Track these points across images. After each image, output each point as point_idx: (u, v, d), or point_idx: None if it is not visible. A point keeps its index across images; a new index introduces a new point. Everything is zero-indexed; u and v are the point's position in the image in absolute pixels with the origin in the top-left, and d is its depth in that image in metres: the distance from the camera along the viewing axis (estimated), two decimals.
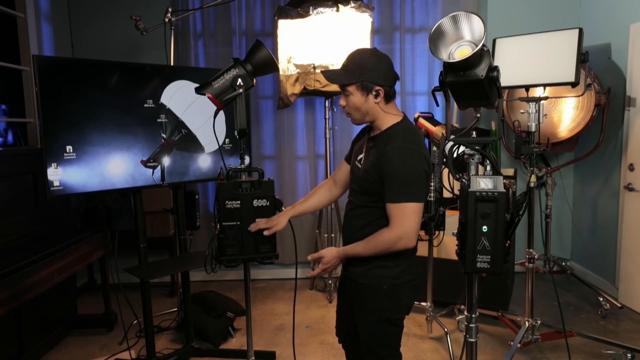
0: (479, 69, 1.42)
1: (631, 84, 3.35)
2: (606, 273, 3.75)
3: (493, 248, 1.40)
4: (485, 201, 1.40)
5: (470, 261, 1.41)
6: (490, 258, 1.41)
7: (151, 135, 2.57)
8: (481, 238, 1.39)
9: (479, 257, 1.41)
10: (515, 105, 3.62)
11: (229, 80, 1.93)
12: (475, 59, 1.40)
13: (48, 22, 3.80)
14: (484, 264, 1.41)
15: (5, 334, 2.64)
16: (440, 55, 1.42)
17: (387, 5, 4.04)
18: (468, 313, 1.59)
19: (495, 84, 1.46)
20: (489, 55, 1.43)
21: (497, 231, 1.40)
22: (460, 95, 1.54)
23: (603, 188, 3.78)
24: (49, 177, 2.25)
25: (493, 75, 1.44)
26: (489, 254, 1.40)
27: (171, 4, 4.01)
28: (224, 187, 1.91)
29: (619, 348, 2.72)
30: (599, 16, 3.79)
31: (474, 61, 1.40)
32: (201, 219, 3.21)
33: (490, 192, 1.39)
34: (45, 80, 2.23)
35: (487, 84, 1.44)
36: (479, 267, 1.42)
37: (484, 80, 1.41)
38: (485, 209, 1.39)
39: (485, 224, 1.39)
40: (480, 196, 1.39)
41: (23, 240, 2.80)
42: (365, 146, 1.73)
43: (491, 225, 1.39)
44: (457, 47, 1.43)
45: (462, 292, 3.30)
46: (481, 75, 1.41)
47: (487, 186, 1.40)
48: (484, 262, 1.41)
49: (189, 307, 2.93)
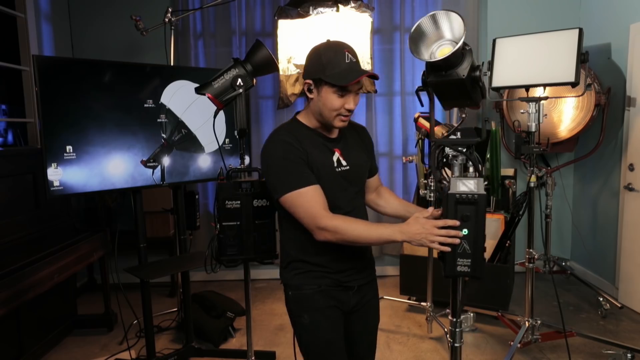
0: (461, 68, 1.37)
1: (631, 84, 3.35)
2: (606, 273, 3.75)
3: (474, 251, 1.35)
4: (465, 203, 1.35)
5: (451, 265, 1.37)
6: (470, 262, 1.35)
7: (151, 135, 2.57)
8: (461, 241, 1.35)
9: (459, 261, 1.36)
10: (515, 105, 3.62)
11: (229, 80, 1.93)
12: (456, 58, 1.36)
13: (48, 22, 3.80)
14: (465, 268, 1.36)
15: (5, 334, 2.64)
16: (422, 56, 1.38)
17: (387, 5, 4.04)
18: (453, 317, 1.54)
19: (478, 83, 1.41)
20: (471, 54, 1.39)
21: (478, 234, 1.35)
22: (444, 95, 1.51)
23: (603, 188, 3.78)
24: (49, 177, 2.25)
25: (475, 75, 1.39)
26: (469, 257, 1.35)
27: (171, 4, 4.01)
28: (224, 187, 1.91)
29: (619, 348, 2.72)
30: (599, 16, 3.79)
31: (455, 60, 1.37)
32: (201, 219, 3.21)
33: (470, 195, 1.34)
34: (45, 80, 2.23)
35: (469, 84, 1.39)
36: (460, 270, 1.36)
37: (465, 80, 1.37)
38: (466, 211, 1.34)
39: (466, 227, 1.34)
40: (460, 198, 1.34)
41: (23, 240, 2.80)
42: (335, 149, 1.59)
43: (471, 228, 1.35)
44: (439, 47, 1.39)
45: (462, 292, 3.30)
46: (463, 75, 1.36)
47: (467, 188, 1.36)
48: (465, 265, 1.36)
49: (189, 307, 2.93)
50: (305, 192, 1.45)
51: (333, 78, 1.46)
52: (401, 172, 4.23)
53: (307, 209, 1.45)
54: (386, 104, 4.17)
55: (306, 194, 1.45)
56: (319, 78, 1.48)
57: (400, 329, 3.19)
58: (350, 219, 1.48)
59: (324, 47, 1.53)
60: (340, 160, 1.59)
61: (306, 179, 1.47)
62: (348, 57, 1.49)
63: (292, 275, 1.60)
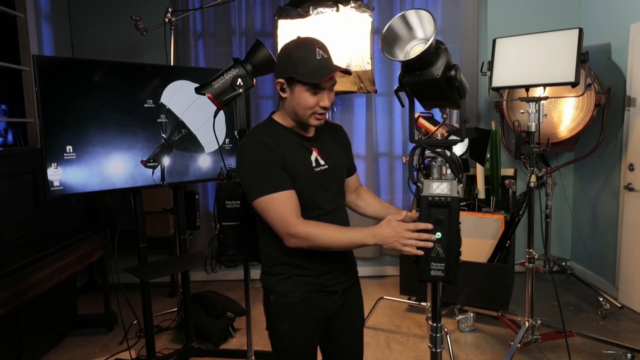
0: (435, 67, 1.31)
1: (631, 84, 3.35)
2: (606, 273, 3.75)
3: (447, 256, 1.33)
4: (438, 206, 1.32)
5: (424, 269, 1.34)
6: (444, 266, 1.33)
7: (151, 135, 2.57)
8: (435, 245, 1.33)
9: (433, 265, 1.33)
10: (515, 105, 3.62)
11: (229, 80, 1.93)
12: (430, 57, 1.30)
13: (48, 22, 3.80)
14: (439, 272, 1.33)
15: (5, 334, 2.64)
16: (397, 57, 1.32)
17: (387, 5, 4.04)
18: (433, 322, 1.51)
19: (454, 83, 1.35)
20: (446, 53, 1.33)
21: (452, 238, 1.32)
22: (421, 96, 1.46)
23: (603, 188, 3.78)
24: (49, 177, 2.25)
25: (450, 74, 1.33)
26: (443, 261, 1.33)
27: (171, 4, 4.01)
28: (223, 187, 1.91)
29: (619, 348, 2.72)
30: (599, 16, 3.79)
31: (428, 59, 1.31)
32: (201, 219, 3.21)
33: (443, 197, 1.32)
34: (45, 80, 2.23)
35: (445, 84, 1.34)
36: (433, 275, 1.34)
37: (440, 80, 1.31)
38: (439, 214, 1.32)
39: (439, 231, 1.32)
40: (433, 201, 1.32)
41: (23, 240, 2.80)
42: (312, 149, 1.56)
43: (445, 232, 1.32)
44: (412, 47, 1.33)
45: (462, 292, 3.30)
46: (437, 75, 1.30)
47: (440, 191, 1.33)
48: (439, 270, 1.33)
49: (189, 307, 2.93)
50: (278, 197, 1.43)
51: (305, 76, 1.43)
52: (401, 172, 4.23)
53: (278, 214, 1.43)
54: (386, 104, 4.17)
55: (279, 199, 1.43)
56: (291, 77, 1.45)
57: (400, 329, 3.19)
58: (321, 225, 1.45)
59: (294, 44, 1.49)
60: (319, 159, 1.56)
61: (280, 184, 1.44)
62: (319, 54, 1.45)
63: (275, 281, 1.57)
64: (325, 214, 1.55)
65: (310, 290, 1.55)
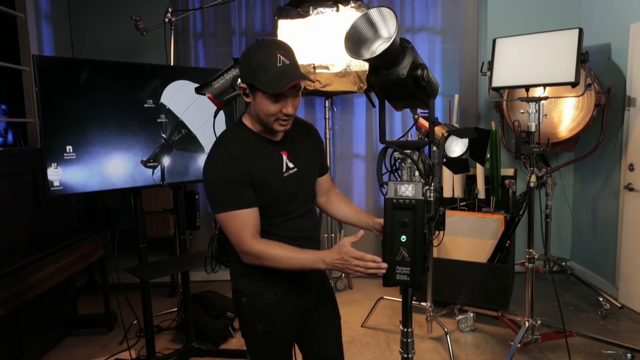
0: (401, 67, 1.27)
1: (631, 84, 3.35)
2: (606, 273, 3.75)
3: (412, 259, 1.30)
4: (402, 209, 1.30)
5: (390, 273, 1.32)
6: (410, 270, 1.30)
7: (151, 135, 2.57)
8: (400, 248, 1.30)
9: (398, 269, 1.31)
10: (515, 105, 3.62)
11: (229, 80, 1.93)
12: (394, 55, 1.26)
13: (48, 22, 3.80)
14: (404, 277, 1.31)
15: (5, 334, 2.64)
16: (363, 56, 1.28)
17: (387, 5, 4.04)
18: (404, 327, 1.49)
19: (421, 82, 1.31)
20: (412, 52, 1.29)
21: (416, 241, 1.30)
22: (389, 96, 1.43)
23: (603, 188, 3.78)
24: (49, 177, 2.24)
25: (417, 73, 1.29)
26: (408, 265, 1.30)
27: (171, 4, 4.01)
28: None
29: (619, 348, 2.72)
30: (599, 16, 3.80)
31: (393, 58, 1.27)
32: (201, 219, 3.21)
33: (407, 200, 1.29)
34: (45, 80, 2.23)
35: (412, 83, 1.31)
36: (399, 279, 1.32)
37: (406, 79, 1.28)
38: (403, 217, 1.29)
39: (404, 234, 1.29)
40: (397, 203, 1.30)
41: (23, 240, 2.80)
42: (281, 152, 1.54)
43: (410, 235, 1.29)
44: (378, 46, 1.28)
45: (462, 292, 3.30)
46: (402, 74, 1.27)
47: (405, 193, 1.31)
48: (404, 274, 1.31)
49: (189, 307, 2.93)
50: (238, 214, 1.43)
51: (264, 85, 1.37)
52: None
53: (236, 230, 1.44)
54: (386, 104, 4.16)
55: (239, 217, 1.43)
56: (251, 83, 1.40)
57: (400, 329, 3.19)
58: (276, 246, 1.45)
59: (254, 49, 1.41)
60: (288, 163, 1.54)
61: (242, 202, 1.43)
62: (280, 60, 1.38)
63: (247, 283, 1.58)
64: (296, 217, 1.55)
65: (283, 289, 1.56)
